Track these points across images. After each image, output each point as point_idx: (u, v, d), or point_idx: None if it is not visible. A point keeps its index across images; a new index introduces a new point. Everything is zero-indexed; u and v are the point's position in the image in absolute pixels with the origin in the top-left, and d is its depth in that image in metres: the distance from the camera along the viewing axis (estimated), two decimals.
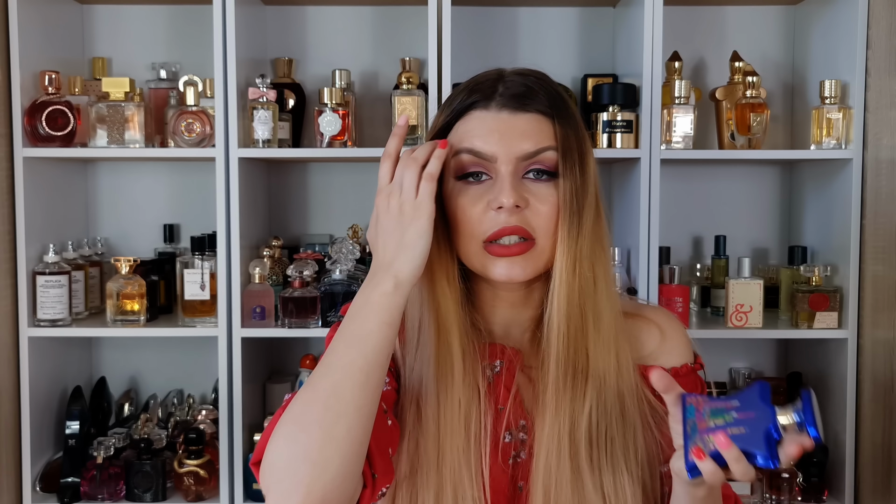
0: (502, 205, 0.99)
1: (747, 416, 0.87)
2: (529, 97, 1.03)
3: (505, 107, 1.03)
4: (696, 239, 2.20)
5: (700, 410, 0.90)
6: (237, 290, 1.86)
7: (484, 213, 1.01)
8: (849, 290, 1.87)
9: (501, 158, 1.00)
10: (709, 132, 2.14)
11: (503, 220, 0.99)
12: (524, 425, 1.05)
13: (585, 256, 1.02)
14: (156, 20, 2.15)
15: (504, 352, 1.07)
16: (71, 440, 1.89)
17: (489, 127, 1.02)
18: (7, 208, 1.83)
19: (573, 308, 1.02)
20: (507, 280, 1.01)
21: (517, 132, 1.01)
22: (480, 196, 1.01)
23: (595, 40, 2.16)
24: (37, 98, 1.86)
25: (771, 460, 0.85)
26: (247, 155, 1.86)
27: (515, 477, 1.04)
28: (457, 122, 1.04)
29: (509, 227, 0.99)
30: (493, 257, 1.01)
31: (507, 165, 1.00)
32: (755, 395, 0.88)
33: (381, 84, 2.16)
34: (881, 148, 1.83)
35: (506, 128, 1.02)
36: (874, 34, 1.83)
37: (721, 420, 0.88)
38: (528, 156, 1.01)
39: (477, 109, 1.04)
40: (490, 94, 1.04)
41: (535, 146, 1.01)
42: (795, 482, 1.86)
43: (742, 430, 0.86)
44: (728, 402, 0.89)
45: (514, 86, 1.04)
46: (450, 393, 1.01)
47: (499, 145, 1.01)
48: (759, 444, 0.85)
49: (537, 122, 1.03)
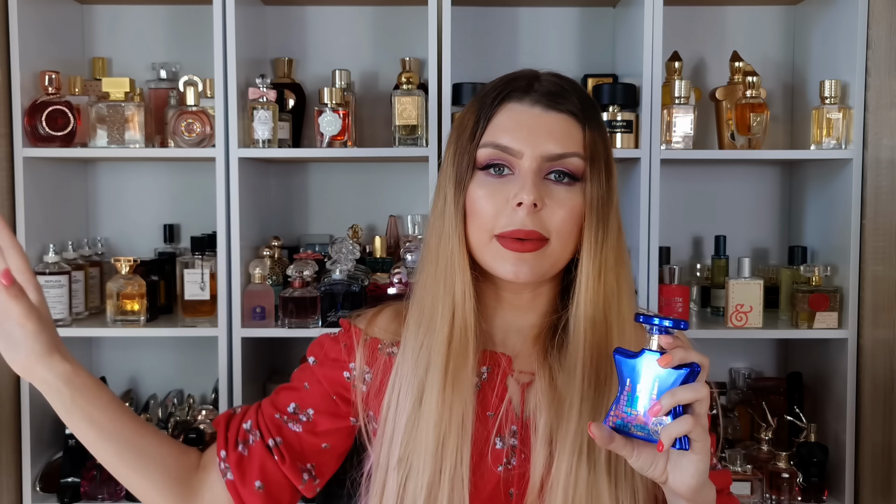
0: (522, 201, 0.99)
1: (645, 376, 0.88)
2: (564, 97, 1.04)
3: (538, 102, 1.03)
4: (696, 239, 2.20)
5: (619, 418, 0.90)
6: (237, 290, 1.86)
7: (502, 208, 1.01)
8: (849, 290, 1.87)
9: (527, 155, 1.01)
10: (709, 132, 2.14)
11: (519, 221, 1.00)
12: (515, 431, 1.05)
13: (611, 267, 1.03)
14: (156, 20, 2.15)
15: (493, 358, 1.07)
16: (71, 440, 1.89)
17: (519, 121, 1.02)
18: (7, 208, 1.83)
19: (598, 315, 1.02)
20: (513, 278, 1.01)
21: (546, 130, 1.02)
22: (499, 189, 1.02)
23: (595, 40, 2.16)
24: (37, 98, 1.86)
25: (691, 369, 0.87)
26: (247, 155, 1.86)
27: (507, 483, 1.04)
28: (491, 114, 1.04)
29: (525, 230, 1.00)
30: (504, 251, 1.01)
31: (531, 163, 1.00)
32: (622, 367, 0.90)
33: (381, 84, 2.16)
34: (881, 148, 1.83)
35: (536, 124, 1.02)
36: (874, 34, 1.83)
37: (636, 403, 0.89)
38: (553, 157, 1.01)
39: (511, 101, 1.04)
40: (527, 89, 1.04)
41: (561, 149, 1.02)
42: (795, 482, 1.86)
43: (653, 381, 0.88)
44: (624, 389, 0.90)
45: (550, 84, 1.05)
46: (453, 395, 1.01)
47: (526, 142, 1.01)
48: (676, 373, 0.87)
49: (568, 124, 1.03)
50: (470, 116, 1.06)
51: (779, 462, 1.86)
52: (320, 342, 1.16)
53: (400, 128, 1.87)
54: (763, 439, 1.92)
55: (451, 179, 1.04)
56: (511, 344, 1.10)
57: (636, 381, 0.89)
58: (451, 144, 1.07)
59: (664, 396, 0.86)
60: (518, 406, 1.06)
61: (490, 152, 1.02)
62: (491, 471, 1.04)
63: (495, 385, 1.06)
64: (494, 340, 1.09)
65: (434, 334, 1.03)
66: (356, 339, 1.12)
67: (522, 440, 1.05)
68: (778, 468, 1.86)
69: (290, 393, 1.13)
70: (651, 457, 0.90)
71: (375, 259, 1.99)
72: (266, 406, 1.13)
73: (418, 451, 1.01)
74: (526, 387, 1.07)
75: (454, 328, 1.02)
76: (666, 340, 0.88)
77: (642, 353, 0.89)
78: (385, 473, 1.04)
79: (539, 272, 1.02)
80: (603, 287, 1.02)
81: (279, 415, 1.11)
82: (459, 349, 1.02)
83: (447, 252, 1.04)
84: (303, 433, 1.10)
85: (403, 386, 1.05)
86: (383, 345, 1.11)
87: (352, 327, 1.14)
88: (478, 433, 1.04)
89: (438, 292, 1.04)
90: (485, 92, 1.07)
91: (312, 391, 1.12)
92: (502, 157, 1.02)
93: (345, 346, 1.12)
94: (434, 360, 1.03)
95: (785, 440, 1.97)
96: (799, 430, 1.92)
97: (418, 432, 1.02)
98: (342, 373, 1.11)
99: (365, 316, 1.15)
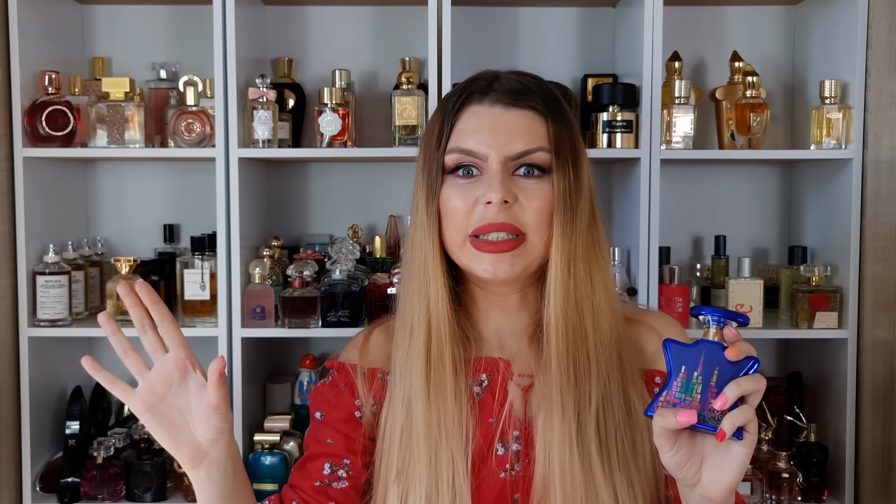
0: (491, 200, 0.99)
1: (704, 365, 0.88)
2: (524, 94, 1.04)
3: (499, 102, 1.03)
4: (696, 239, 2.20)
5: (671, 404, 0.89)
6: (237, 290, 1.86)
7: (473, 208, 1.01)
8: (849, 290, 1.87)
9: (492, 156, 1.01)
10: (709, 132, 2.14)
11: (491, 216, 1.00)
12: (518, 436, 1.05)
13: (580, 257, 1.02)
14: (156, 20, 2.15)
15: (491, 364, 1.07)
16: (71, 440, 1.89)
17: (481, 123, 1.03)
18: (7, 208, 1.83)
19: (570, 307, 1.01)
20: (491, 277, 1.01)
21: (508, 129, 1.02)
22: (470, 190, 1.02)
23: (595, 40, 2.16)
24: (37, 98, 1.86)
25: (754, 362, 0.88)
26: (247, 155, 1.86)
27: (512, 488, 1.03)
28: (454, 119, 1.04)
29: (496, 223, 1.00)
30: (480, 253, 1.01)
31: (496, 164, 1.01)
32: (676, 355, 0.89)
33: (381, 84, 2.16)
34: (881, 148, 1.83)
35: (498, 123, 1.02)
36: (874, 34, 1.83)
37: (693, 390, 0.89)
38: (518, 155, 1.02)
39: (472, 104, 1.04)
40: (485, 90, 1.05)
41: (525, 146, 1.02)
42: (795, 482, 1.86)
43: (716, 373, 0.88)
44: (678, 377, 0.89)
45: (509, 82, 1.05)
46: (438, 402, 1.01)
47: (489, 144, 1.01)
48: (740, 364, 0.88)
49: (530, 119, 1.03)
50: (435, 123, 1.06)
51: (779, 462, 1.86)
52: (320, 393, 1.13)
53: (400, 128, 1.87)
54: (763, 439, 1.92)
55: (423, 187, 1.05)
56: (508, 347, 1.09)
57: (692, 369, 0.88)
58: (420, 153, 1.08)
59: (729, 387, 0.85)
60: (520, 410, 1.06)
61: (456, 157, 1.03)
62: (494, 477, 1.03)
63: (496, 391, 1.05)
64: (491, 345, 1.09)
65: (413, 346, 1.03)
66: (354, 375, 1.11)
67: (526, 444, 1.04)
68: (778, 468, 1.86)
69: (319, 458, 1.10)
70: (689, 452, 0.89)
71: (375, 259, 1.99)
72: (300, 482, 1.09)
73: (414, 463, 1.01)
74: (527, 390, 1.06)
75: (431, 335, 1.03)
76: (731, 333, 0.89)
77: (700, 343, 0.89)
78: (385, 488, 1.04)
79: (519, 268, 1.02)
80: (573, 278, 1.02)
81: (319, 482, 1.08)
82: (437, 356, 1.02)
83: (420, 259, 1.04)
84: (349, 487, 1.08)
85: (394, 398, 1.05)
86: (382, 373, 1.10)
87: (345, 366, 1.12)
88: (481, 440, 1.03)
89: (414, 301, 1.04)
90: (447, 97, 1.08)
91: (337, 443, 1.09)
92: (468, 160, 1.03)
93: (345, 385, 1.11)
94: (416, 369, 1.02)
95: (785, 440, 1.97)
96: (799, 430, 1.92)
97: (412, 444, 1.02)
98: (354, 413, 1.10)
99: (354, 346, 1.14)
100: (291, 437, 1.89)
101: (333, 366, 1.14)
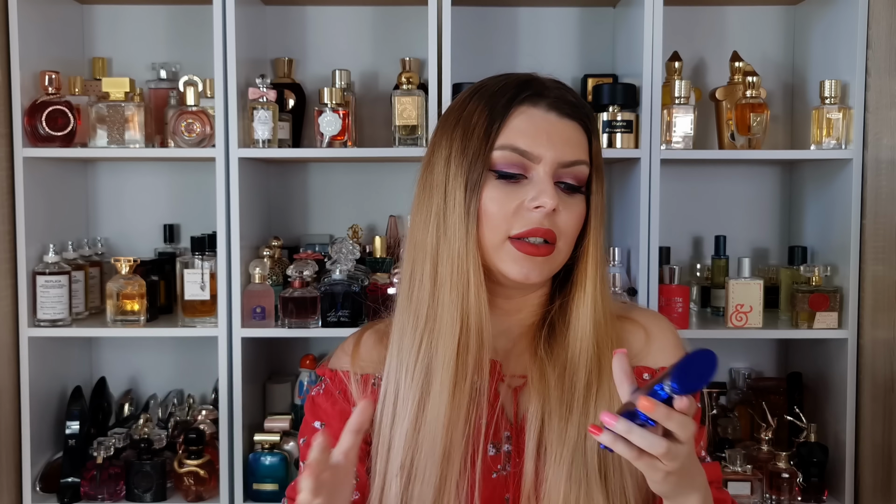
0: (544, 205, 1.00)
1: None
2: (577, 107, 1.06)
3: (553, 108, 1.04)
4: (696, 239, 2.20)
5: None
6: (237, 290, 1.86)
7: (517, 211, 1.01)
8: (849, 290, 1.87)
9: (545, 160, 1.02)
10: (709, 132, 2.14)
11: (536, 220, 1.01)
12: (509, 436, 1.05)
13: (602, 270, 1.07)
14: (156, 20, 2.15)
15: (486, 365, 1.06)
16: (71, 440, 1.89)
17: (538, 126, 1.03)
18: (7, 208, 1.83)
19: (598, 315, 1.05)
20: (523, 279, 1.02)
21: (562, 137, 1.03)
22: (514, 193, 1.02)
23: (595, 40, 2.16)
24: (37, 98, 1.86)
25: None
26: (247, 155, 1.86)
27: (503, 489, 1.03)
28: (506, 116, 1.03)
29: (543, 228, 1.01)
30: (518, 253, 1.01)
31: (547, 168, 1.02)
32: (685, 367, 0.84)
33: (381, 84, 2.16)
34: (881, 148, 1.83)
35: (554, 130, 1.03)
36: (874, 34, 1.83)
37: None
38: (568, 164, 1.03)
39: (525, 105, 1.04)
40: (540, 92, 1.04)
41: (574, 156, 1.04)
42: (795, 482, 1.86)
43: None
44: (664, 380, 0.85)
45: (559, 91, 1.06)
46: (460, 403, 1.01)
47: (545, 147, 1.02)
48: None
49: (578, 132, 1.05)
50: (480, 117, 1.03)
51: (779, 462, 1.86)
52: (316, 403, 1.11)
53: (400, 128, 1.87)
54: (763, 439, 1.92)
55: (461, 181, 1.02)
56: (500, 348, 1.09)
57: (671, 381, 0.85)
58: (452, 141, 1.04)
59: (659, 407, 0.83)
60: (511, 411, 1.06)
61: (508, 155, 1.02)
62: (486, 478, 1.03)
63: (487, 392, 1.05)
64: None
65: (438, 340, 1.02)
66: (347, 381, 1.10)
67: (516, 445, 1.04)
68: (778, 468, 1.86)
69: None
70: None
71: (375, 259, 1.99)
72: None
73: (423, 458, 1.00)
74: (518, 390, 1.07)
75: (464, 334, 1.01)
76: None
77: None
78: (383, 480, 1.03)
79: (546, 274, 1.04)
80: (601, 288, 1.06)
81: None
82: (470, 356, 1.02)
83: (454, 255, 1.02)
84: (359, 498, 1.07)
85: (401, 392, 1.04)
86: (376, 378, 1.09)
87: (337, 373, 1.11)
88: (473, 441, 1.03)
89: (444, 297, 1.02)
90: (492, 91, 1.05)
91: None
92: (519, 160, 1.02)
93: (339, 393, 1.10)
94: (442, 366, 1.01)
95: (785, 440, 1.97)
96: (799, 430, 1.92)
97: (423, 439, 1.01)
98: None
99: (344, 352, 1.13)
100: (291, 437, 1.89)
101: (325, 373, 1.13)
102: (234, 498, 1.86)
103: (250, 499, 1.86)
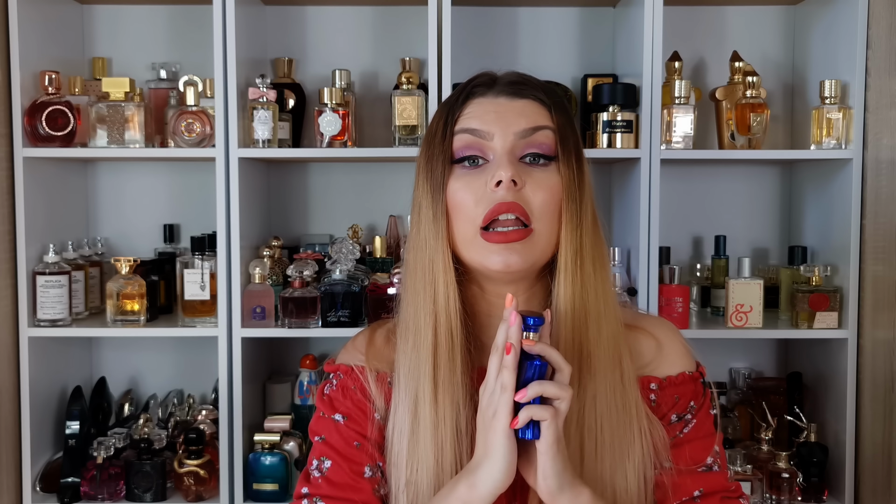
0: (501, 178, 0.98)
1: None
2: (527, 86, 1.06)
3: (502, 93, 1.05)
4: (696, 239, 2.20)
5: None
6: (237, 290, 1.86)
7: (482, 194, 1.00)
8: (849, 290, 1.87)
9: (498, 135, 1.01)
10: (709, 132, 2.14)
11: (500, 197, 0.99)
12: None
13: (588, 253, 1.02)
14: (156, 20, 2.15)
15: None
16: (71, 440, 1.89)
17: (486, 109, 1.03)
18: (7, 208, 1.83)
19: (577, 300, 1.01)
20: (504, 268, 1.00)
21: (514, 112, 1.03)
22: (477, 177, 1.01)
23: (595, 40, 2.16)
24: (37, 98, 1.86)
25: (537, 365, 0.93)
26: (247, 155, 1.86)
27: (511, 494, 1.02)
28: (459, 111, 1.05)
29: (506, 202, 0.99)
30: (491, 244, 0.99)
31: (503, 142, 1.01)
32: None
33: (381, 84, 2.16)
34: (881, 148, 1.83)
35: (503, 109, 1.03)
36: (874, 34, 1.83)
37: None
38: (525, 133, 1.02)
39: (475, 97, 1.05)
40: (489, 84, 1.06)
41: (531, 123, 1.02)
42: (795, 482, 1.86)
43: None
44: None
45: (511, 77, 1.07)
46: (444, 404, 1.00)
47: (495, 123, 1.02)
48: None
49: (534, 106, 1.05)
50: (438, 120, 1.06)
51: (779, 462, 1.87)
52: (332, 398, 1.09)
53: (400, 128, 1.87)
54: (763, 439, 1.92)
55: (427, 185, 1.03)
56: None
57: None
58: (422, 153, 1.06)
59: (532, 385, 0.91)
60: None
61: (461, 138, 1.02)
62: None
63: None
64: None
65: (420, 346, 1.02)
66: (363, 378, 1.08)
67: None
68: (778, 468, 1.86)
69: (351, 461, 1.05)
70: (525, 458, 0.94)
71: (375, 259, 1.99)
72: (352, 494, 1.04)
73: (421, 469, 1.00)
74: None
75: (438, 334, 1.01)
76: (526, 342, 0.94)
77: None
78: (395, 499, 1.03)
79: (529, 260, 1.01)
80: (580, 270, 1.01)
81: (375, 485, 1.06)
82: (446, 356, 1.00)
83: (425, 258, 1.02)
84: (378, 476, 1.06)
85: (400, 406, 1.03)
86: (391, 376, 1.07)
87: (352, 368, 1.09)
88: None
89: (419, 302, 1.02)
90: (448, 98, 1.09)
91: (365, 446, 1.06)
92: (474, 142, 1.02)
93: (355, 388, 1.08)
94: (423, 371, 1.01)
95: (785, 440, 1.97)
96: (799, 430, 1.92)
97: (418, 450, 1.00)
98: (374, 415, 1.07)
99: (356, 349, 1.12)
100: (291, 437, 1.89)
101: (340, 369, 1.11)
102: (234, 498, 1.86)
103: (250, 499, 1.86)
